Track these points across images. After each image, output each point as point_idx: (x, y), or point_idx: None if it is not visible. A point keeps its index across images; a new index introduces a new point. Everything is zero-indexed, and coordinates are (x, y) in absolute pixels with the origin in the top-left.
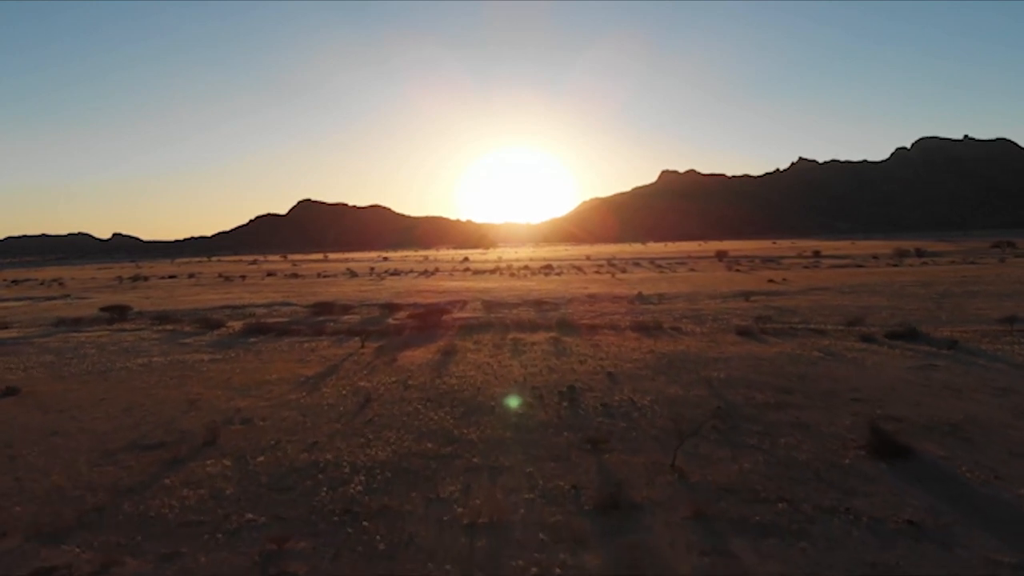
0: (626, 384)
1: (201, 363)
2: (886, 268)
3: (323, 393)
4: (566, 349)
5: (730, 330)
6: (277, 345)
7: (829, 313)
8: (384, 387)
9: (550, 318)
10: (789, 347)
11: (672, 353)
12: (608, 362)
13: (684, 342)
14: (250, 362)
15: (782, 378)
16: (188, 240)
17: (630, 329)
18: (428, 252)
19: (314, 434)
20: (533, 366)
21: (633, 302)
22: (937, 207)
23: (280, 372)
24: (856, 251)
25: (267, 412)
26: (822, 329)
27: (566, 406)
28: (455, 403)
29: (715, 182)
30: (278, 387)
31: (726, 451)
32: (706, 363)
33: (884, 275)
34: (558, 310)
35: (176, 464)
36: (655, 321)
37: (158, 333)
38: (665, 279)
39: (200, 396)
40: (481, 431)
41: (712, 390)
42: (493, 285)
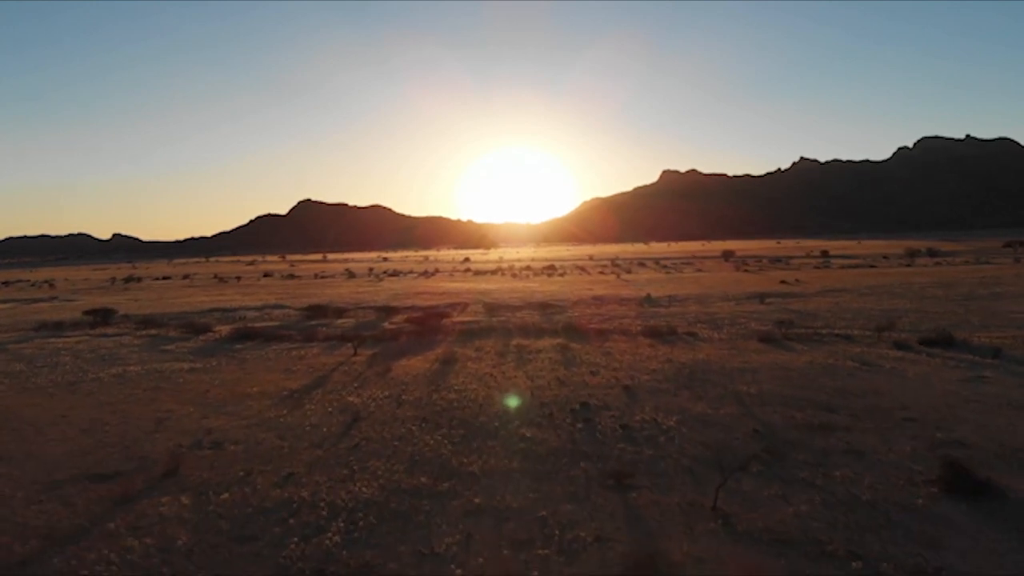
0: (646, 400)
1: (179, 373)
2: (899, 268)
3: (306, 410)
4: (575, 358)
5: (751, 336)
6: (263, 353)
7: (852, 317)
8: (375, 403)
9: (556, 322)
10: (819, 356)
11: (692, 363)
12: (623, 373)
13: (703, 350)
14: (231, 372)
15: (820, 393)
16: (188, 240)
17: (642, 334)
18: (428, 252)
19: (291, 463)
20: (540, 378)
21: (642, 304)
22: (939, 206)
23: (262, 384)
24: (864, 251)
25: (241, 433)
26: (850, 335)
27: (580, 428)
28: (454, 423)
29: (716, 182)
30: (258, 402)
31: (774, 487)
32: (731, 375)
33: (899, 276)
34: (564, 313)
35: (127, 502)
36: (668, 325)
37: (140, 338)
38: (672, 280)
39: (171, 413)
40: (484, 460)
41: (744, 408)
42: (494, 286)
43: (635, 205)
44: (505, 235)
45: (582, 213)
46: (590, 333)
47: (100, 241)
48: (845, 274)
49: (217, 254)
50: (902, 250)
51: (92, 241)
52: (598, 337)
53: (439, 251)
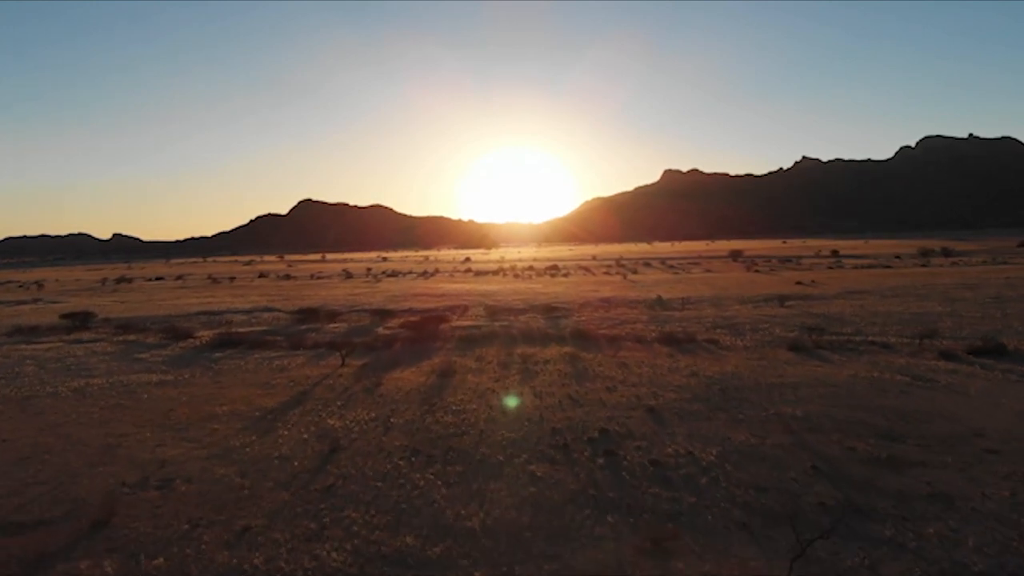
0: (676, 426)
1: (146, 387)
2: (916, 269)
3: (278, 436)
4: (587, 370)
5: (778, 343)
6: (243, 362)
7: (883, 322)
8: (358, 428)
9: (563, 327)
10: (861, 368)
11: (721, 377)
12: (644, 390)
13: (729, 360)
14: (204, 386)
15: (877, 416)
16: (188, 240)
17: (658, 342)
18: (428, 252)
19: (249, 511)
20: (550, 395)
21: (653, 307)
22: (942, 206)
23: (235, 402)
24: (874, 250)
25: (198, 468)
26: (887, 343)
27: (602, 464)
28: (450, 456)
29: (718, 181)
30: (225, 425)
31: (857, 552)
32: (769, 392)
33: (919, 277)
34: (570, 317)
35: (40, 564)
36: (685, 332)
37: (115, 345)
38: (682, 281)
39: (123, 439)
40: (485, 511)
41: (793, 436)
42: (496, 288)
43: (636, 205)
44: (506, 235)
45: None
46: (601, 340)
47: (100, 241)
48: (861, 275)
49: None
50: (915, 250)
51: (92, 241)
52: (610, 345)
53: (439, 251)
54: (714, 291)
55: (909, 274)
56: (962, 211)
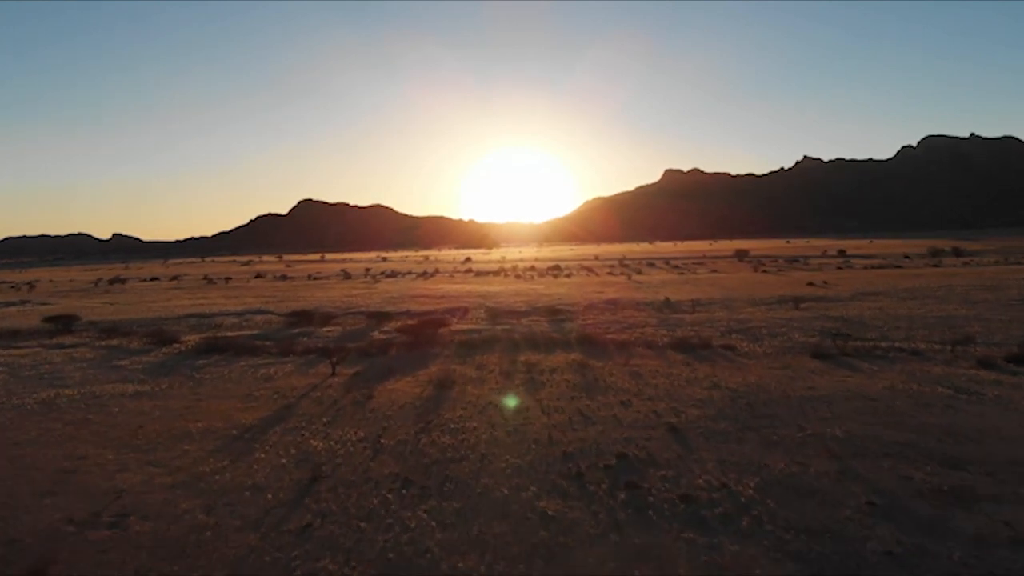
0: (703, 449)
1: (119, 399)
2: (928, 269)
3: (254, 461)
4: (598, 380)
5: (800, 350)
6: (227, 371)
7: (908, 326)
8: (344, 451)
9: (568, 331)
10: (896, 378)
11: (744, 389)
12: (662, 404)
13: (752, 370)
14: (181, 399)
15: (926, 436)
16: (188, 240)
17: (672, 348)
18: (429, 252)
19: (209, 559)
20: (558, 410)
21: (662, 310)
22: (944, 206)
23: (212, 417)
24: (880, 250)
25: (159, 500)
26: (917, 349)
27: (623, 500)
28: (447, 489)
29: (719, 181)
30: (198, 446)
31: None
32: (800, 407)
33: (933, 277)
34: (575, 320)
35: None
36: (699, 337)
37: (96, 351)
38: (688, 282)
39: (82, 462)
40: (488, 565)
41: (838, 461)
42: (497, 289)
43: (637, 204)
44: (507, 235)
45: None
46: (609, 346)
47: (100, 241)
48: (873, 275)
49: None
50: (924, 250)
51: (92, 241)
52: (620, 351)
53: (440, 251)
54: (723, 293)
55: (922, 274)
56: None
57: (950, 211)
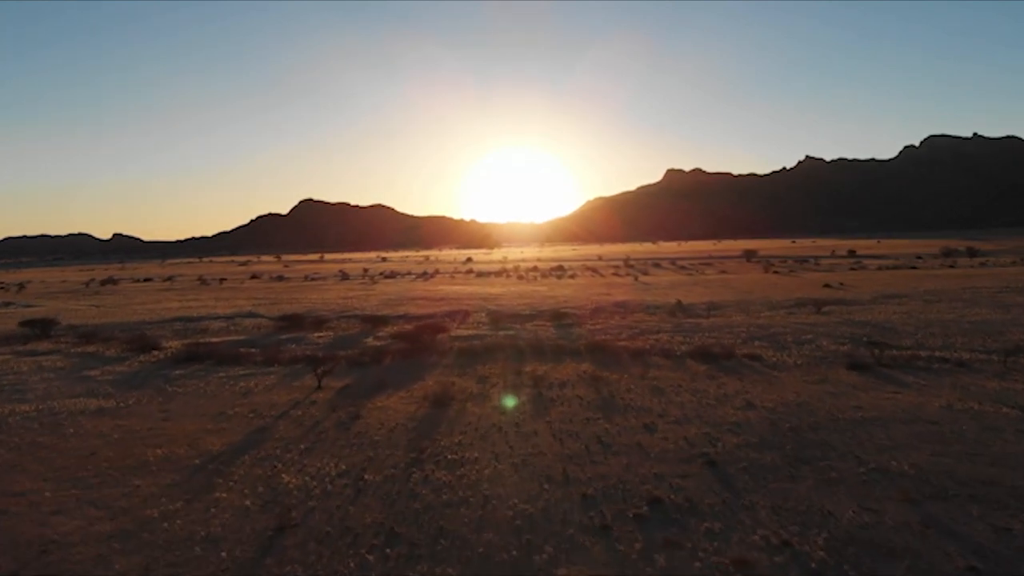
0: (752, 491)
1: (78, 418)
2: (945, 270)
3: (213, 502)
4: (615, 397)
5: (834, 360)
6: (204, 383)
7: (943, 332)
8: (321, 490)
9: (576, 338)
10: (950, 395)
11: (784, 409)
12: (693, 429)
13: (786, 384)
14: (147, 417)
15: (1010, 470)
16: (189, 240)
17: (692, 357)
18: (429, 252)
19: None
20: (572, 436)
21: (674, 313)
22: (946, 205)
23: (175, 442)
24: (890, 250)
25: (90, 557)
26: (962, 360)
27: (664, 567)
28: (441, 549)
29: (721, 181)
30: (152, 480)
31: None
32: (854, 433)
33: (952, 279)
34: (583, 325)
35: None
36: (720, 344)
37: (69, 359)
38: (698, 283)
39: (17, 500)
40: None
41: (915, 508)
42: (500, 290)
43: (639, 204)
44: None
45: (585, 213)
46: (623, 355)
47: (101, 241)
48: (889, 276)
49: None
50: (936, 250)
51: (92, 241)
52: (635, 360)
53: (441, 251)
54: (737, 295)
55: (940, 275)
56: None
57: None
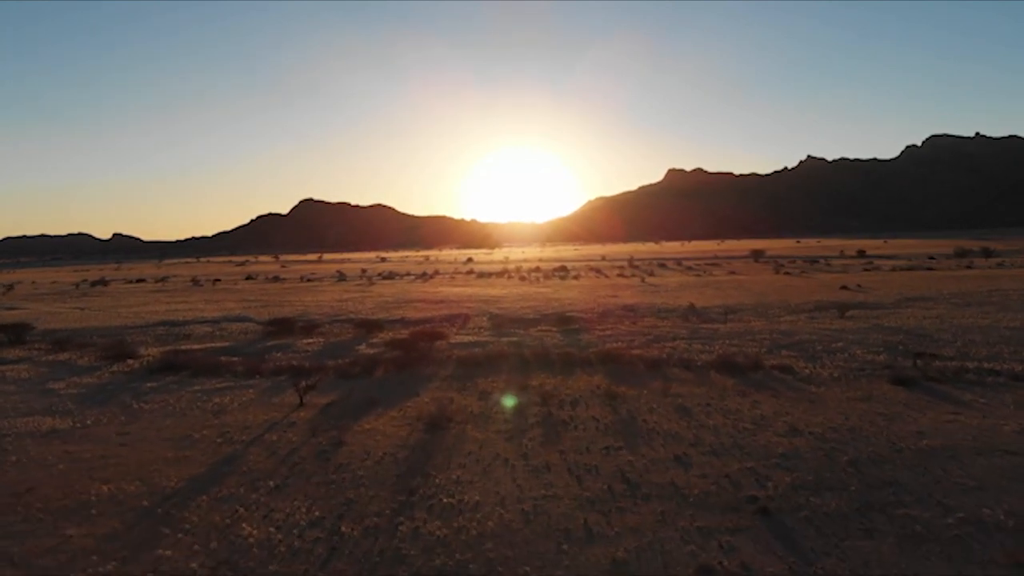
0: (821, 551)
1: (26, 442)
2: (963, 271)
3: (152, 564)
4: (636, 419)
5: (872, 372)
6: (175, 398)
7: (984, 340)
8: (287, 546)
9: (586, 346)
10: (1020, 417)
11: (834, 435)
12: (735, 462)
13: (828, 403)
14: (103, 442)
15: None
16: (189, 240)
17: (715, 369)
18: (430, 252)
19: None
20: (592, 472)
21: (688, 318)
22: (949, 205)
23: (127, 474)
24: (898, 250)
25: None
26: (1016, 372)
27: None
28: None
29: (722, 181)
30: (87, 529)
31: None
32: (924, 467)
33: (974, 280)
34: (592, 331)
35: None
36: (745, 354)
37: (37, 368)
38: (708, 285)
39: None
40: None
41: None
42: (501, 292)
43: (640, 204)
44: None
45: (587, 212)
46: (639, 365)
47: (100, 241)
48: (907, 278)
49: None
50: (950, 250)
51: (92, 241)
52: (652, 373)
53: (441, 251)
54: (751, 297)
55: (959, 277)
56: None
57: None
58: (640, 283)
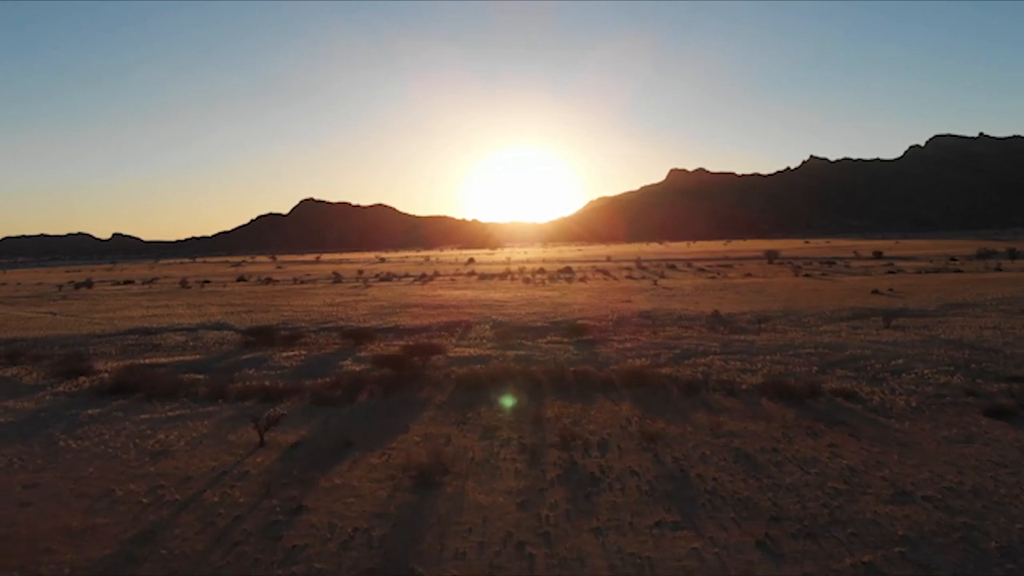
0: None
1: None
2: (994, 274)
3: None
4: (687, 473)
5: (955, 399)
6: (114, 432)
7: None
8: None
9: (605, 361)
10: None
11: (959, 501)
12: (839, 549)
13: (924, 447)
14: (1, 499)
15: None
16: (189, 240)
17: (764, 393)
18: (430, 253)
19: None
20: (646, 569)
21: (715, 327)
22: (954, 205)
23: (5, 558)
24: (914, 251)
25: None
26: None
27: None
28: None
29: (725, 181)
30: None
31: None
32: None
33: (1011, 284)
34: (608, 343)
35: None
36: (795, 375)
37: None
38: (727, 289)
39: None
40: None
41: None
42: (505, 296)
43: (642, 204)
44: (511, 235)
45: (589, 212)
46: (672, 390)
47: (100, 241)
48: (940, 281)
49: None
50: (969, 251)
51: (92, 241)
52: (691, 399)
53: (442, 251)
54: (778, 303)
55: (993, 280)
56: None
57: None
58: (652, 286)
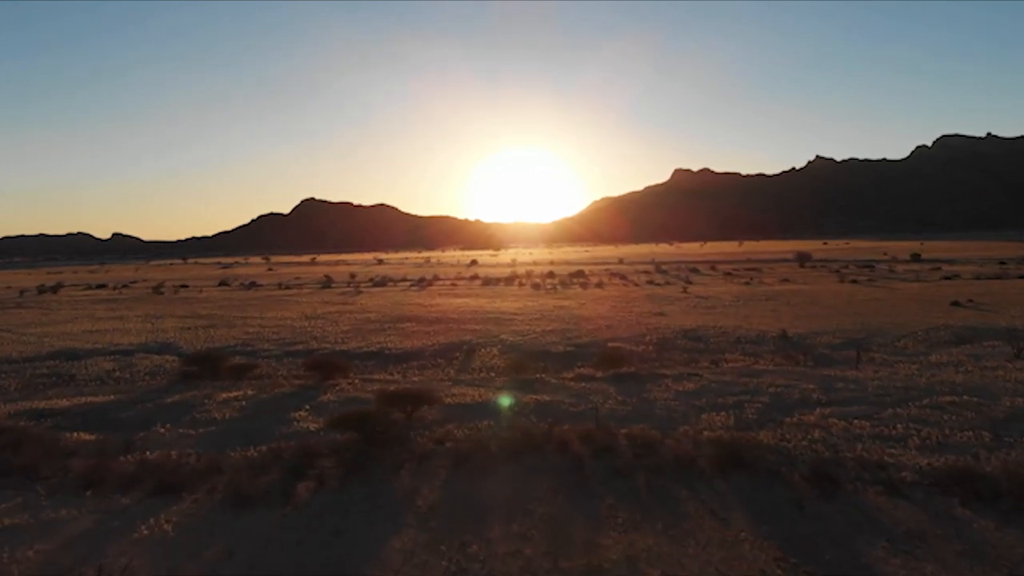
0: None
1: None
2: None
3: None
4: None
5: None
6: None
7: None
8: None
9: (666, 416)
10: None
11: None
12: None
13: None
14: None
15: None
16: (189, 240)
17: (942, 491)
18: (431, 254)
19: None
20: None
21: (791, 356)
22: (961, 206)
23: None
24: (944, 254)
25: None
26: None
27: None
28: None
29: (729, 181)
30: None
31: None
32: None
33: None
34: (664, 383)
35: None
36: (974, 452)
37: None
38: (771, 299)
39: None
40: None
41: None
42: (514, 306)
43: (646, 204)
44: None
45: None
46: (799, 481)
47: (100, 241)
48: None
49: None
50: (1011, 253)
51: (92, 241)
52: (831, 501)
53: (444, 252)
54: (845, 318)
55: None
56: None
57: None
58: (683, 294)
